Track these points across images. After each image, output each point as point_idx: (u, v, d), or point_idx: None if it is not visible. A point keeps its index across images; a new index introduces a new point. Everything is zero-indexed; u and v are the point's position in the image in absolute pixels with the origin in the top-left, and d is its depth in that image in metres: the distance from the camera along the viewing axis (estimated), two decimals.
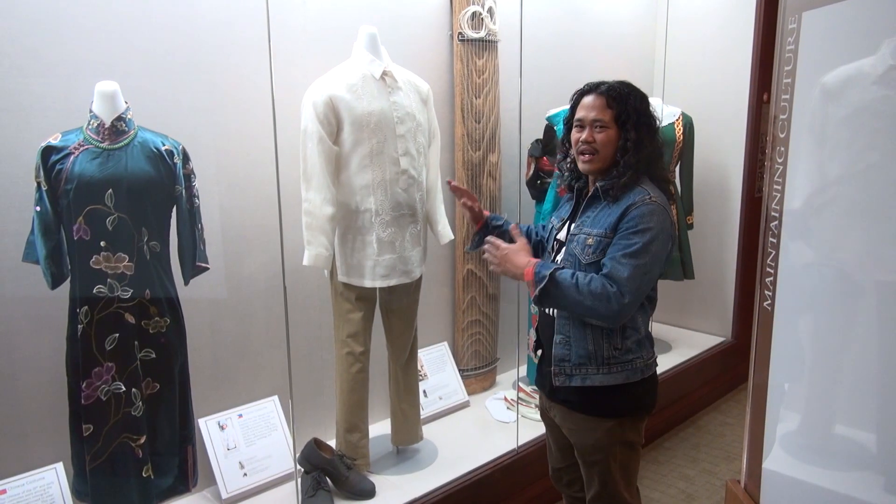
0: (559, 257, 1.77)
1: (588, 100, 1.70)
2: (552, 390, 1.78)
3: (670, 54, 3.98)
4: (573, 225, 1.75)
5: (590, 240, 1.66)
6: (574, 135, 1.72)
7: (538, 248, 2.00)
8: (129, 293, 1.88)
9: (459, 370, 3.12)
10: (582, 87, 1.75)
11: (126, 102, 1.90)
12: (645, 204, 1.62)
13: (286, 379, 2.32)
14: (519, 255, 1.72)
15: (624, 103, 1.66)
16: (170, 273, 2.01)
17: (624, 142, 1.66)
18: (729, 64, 3.80)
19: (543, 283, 1.62)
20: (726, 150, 3.88)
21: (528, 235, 2.01)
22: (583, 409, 1.74)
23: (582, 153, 1.70)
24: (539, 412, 1.99)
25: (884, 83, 1.64)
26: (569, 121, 1.77)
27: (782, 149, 2.03)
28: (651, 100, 1.74)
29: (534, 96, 3.21)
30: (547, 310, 1.77)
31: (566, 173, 1.82)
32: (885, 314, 1.71)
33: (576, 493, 1.95)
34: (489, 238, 1.77)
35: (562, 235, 1.79)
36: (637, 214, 1.61)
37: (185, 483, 2.11)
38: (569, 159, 1.78)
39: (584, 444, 1.76)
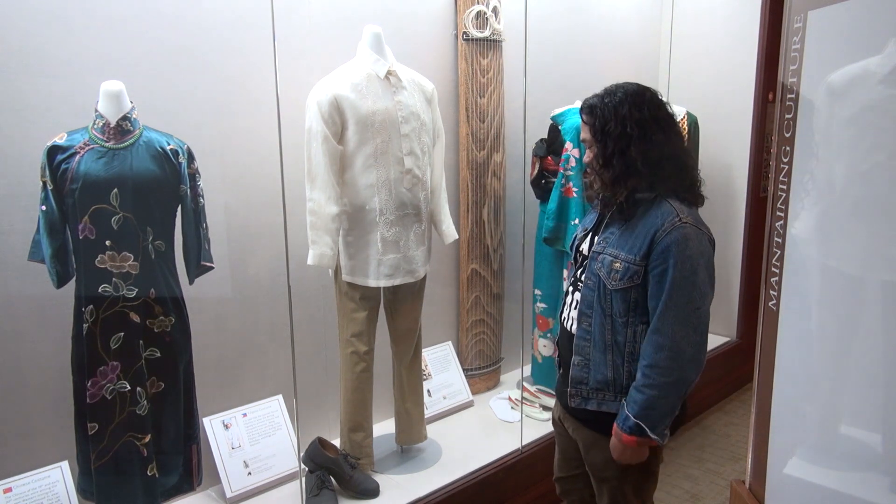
0: (582, 273, 1.69)
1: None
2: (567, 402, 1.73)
3: (675, 53, 3.97)
4: (596, 238, 1.66)
5: (617, 264, 1.54)
6: None
7: None
8: (135, 292, 1.89)
9: (463, 370, 3.12)
10: None
11: (131, 102, 1.90)
12: (675, 228, 1.46)
13: (290, 378, 2.32)
14: (613, 447, 1.61)
15: (593, 115, 1.55)
16: (175, 272, 2.01)
17: (598, 158, 1.56)
18: (734, 63, 3.79)
19: (643, 427, 1.51)
20: (731, 150, 3.87)
21: None
22: (597, 429, 1.67)
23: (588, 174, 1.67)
24: (551, 419, 1.92)
25: (890, 82, 1.63)
26: None
27: (788, 148, 2.02)
28: None
29: (539, 96, 3.20)
30: (567, 326, 1.71)
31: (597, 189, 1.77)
32: (890, 314, 1.70)
33: (572, 502, 1.91)
34: None
35: (584, 247, 1.71)
36: (671, 242, 1.46)
37: (189, 482, 2.12)
38: None
39: (595, 460, 1.69)
